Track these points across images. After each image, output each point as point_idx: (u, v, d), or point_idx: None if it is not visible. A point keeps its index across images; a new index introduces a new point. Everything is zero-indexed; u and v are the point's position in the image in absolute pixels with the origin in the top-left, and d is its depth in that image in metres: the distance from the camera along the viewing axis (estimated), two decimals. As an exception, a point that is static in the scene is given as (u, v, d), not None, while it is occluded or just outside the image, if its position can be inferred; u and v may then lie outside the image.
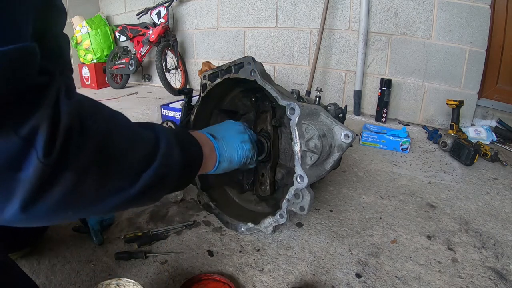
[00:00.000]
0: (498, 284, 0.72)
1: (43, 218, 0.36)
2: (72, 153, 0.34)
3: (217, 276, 0.72)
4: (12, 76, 0.30)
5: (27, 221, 0.35)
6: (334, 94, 2.16)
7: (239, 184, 1.00)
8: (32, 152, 0.31)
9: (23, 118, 0.31)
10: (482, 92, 1.79)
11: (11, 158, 0.30)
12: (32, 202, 0.33)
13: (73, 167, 0.35)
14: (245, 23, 2.41)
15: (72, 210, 0.38)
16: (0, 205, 0.32)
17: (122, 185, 0.42)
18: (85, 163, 0.36)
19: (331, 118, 0.77)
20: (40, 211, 0.34)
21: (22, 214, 0.33)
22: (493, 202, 1.07)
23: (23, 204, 0.32)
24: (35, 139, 0.31)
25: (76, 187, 0.36)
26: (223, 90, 0.92)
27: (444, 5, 1.70)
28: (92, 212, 0.42)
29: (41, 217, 0.35)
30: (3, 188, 0.31)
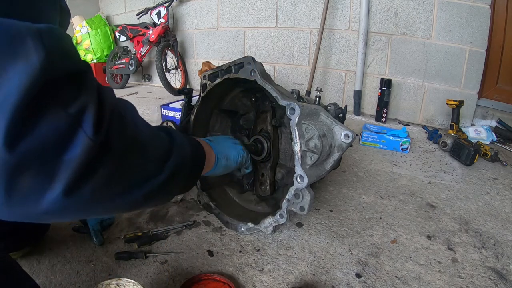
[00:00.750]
0: (498, 284, 0.72)
1: (83, 207, 0.34)
2: (114, 136, 0.35)
3: (217, 276, 0.72)
4: (64, 54, 0.31)
5: (65, 210, 0.32)
6: (334, 94, 2.16)
7: (239, 184, 1.00)
8: (79, 131, 0.31)
9: (72, 97, 0.31)
10: (482, 92, 1.79)
11: (59, 137, 0.30)
12: (77, 184, 0.32)
13: (116, 150, 0.35)
14: (245, 23, 2.41)
15: (110, 199, 0.38)
16: (38, 192, 0.30)
17: (152, 172, 0.43)
18: (124, 147, 0.37)
19: (331, 118, 0.77)
20: (82, 196, 0.33)
21: (64, 200, 0.31)
22: (493, 202, 1.07)
23: (67, 187, 0.31)
24: (83, 118, 0.31)
25: (117, 170, 0.36)
26: (223, 90, 0.92)
27: (444, 5, 1.70)
28: (126, 201, 0.41)
29: (81, 205, 0.34)
30: (45, 172, 0.30)
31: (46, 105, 0.29)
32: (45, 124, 0.29)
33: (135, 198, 0.41)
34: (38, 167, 0.29)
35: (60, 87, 0.30)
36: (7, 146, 0.27)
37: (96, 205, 0.36)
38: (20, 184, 0.29)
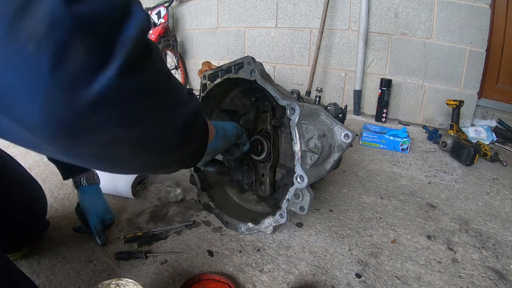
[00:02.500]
0: (498, 284, 0.72)
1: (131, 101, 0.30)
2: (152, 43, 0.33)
3: (217, 276, 0.72)
4: None
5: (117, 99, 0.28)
6: (334, 94, 2.16)
7: (239, 184, 1.00)
8: (133, 14, 0.29)
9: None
10: (482, 92, 1.79)
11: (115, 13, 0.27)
12: (129, 69, 0.28)
13: (157, 53, 0.34)
14: (245, 23, 2.41)
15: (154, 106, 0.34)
16: (91, 70, 0.26)
17: (185, 95, 0.41)
18: (161, 56, 0.36)
19: (331, 118, 0.77)
20: (133, 86, 0.30)
21: (118, 82, 0.27)
22: (493, 202, 1.07)
23: (123, 67, 0.27)
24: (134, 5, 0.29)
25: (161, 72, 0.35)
26: (223, 90, 0.92)
27: (444, 5, 1.70)
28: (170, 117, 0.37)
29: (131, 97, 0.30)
30: (101, 46, 0.26)
31: None
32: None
33: (173, 121, 0.39)
34: (95, 39, 0.25)
35: None
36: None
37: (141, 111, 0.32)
38: (71, 55, 0.24)
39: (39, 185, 0.84)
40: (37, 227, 0.82)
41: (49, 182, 1.15)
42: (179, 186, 1.07)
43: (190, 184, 0.98)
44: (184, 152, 0.46)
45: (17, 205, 0.74)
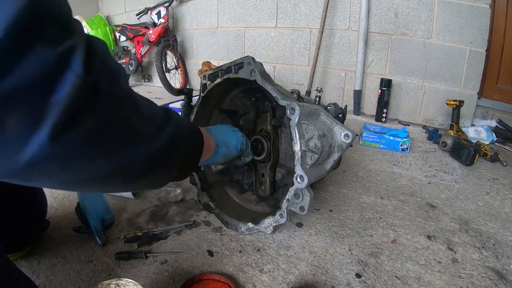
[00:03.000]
0: (498, 284, 0.72)
1: (70, 158, 0.31)
2: (105, 81, 0.32)
3: (217, 276, 0.72)
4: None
5: (51, 159, 0.29)
6: (334, 94, 2.16)
7: (239, 184, 1.00)
8: (68, 69, 0.28)
9: (60, 37, 0.29)
10: (482, 92, 1.79)
11: (46, 75, 0.27)
12: (65, 127, 0.29)
13: (107, 95, 0.33)
14: (245, 23, 2.41)
15: (102, 153, 0.34)
16: (23, 135, 0.27)
17: (147, 134, 0.40)
18: (117, 94, 0.35)
19: (331, 118, 0.77)
20: (70, 144, 0.30)
21: (50, 145, 0.28)
22: (493, 202, 1.07)
23: (54, 130, 0.28)
24: (72, 57, 0.29)
25: (109, 119, 0.33)
26: (223, 90, 0.92)
27: (444, 5, 1.70)
28: (119, 162, 0.37)
29: (68, 155, 0.31)
30: (30, 113, 0.27)
31: (32, 41, 0.26)
32: (31, 60, 0.26)
33: (129, 160, 0.38)
34: (24, 107, 0.26)
35: (47, 27, 0.28)
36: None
37: (86, 160, 0.33)
38: (6, 125, 0.26)
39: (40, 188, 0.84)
40: (37, 227, 0.82)
41: (49, 182, 1.15)
42: (179, 186, 1.07)
43: (190, 184, 0.99)
44: (154, 179, 0.46)
45: (17, 205, 0.74)
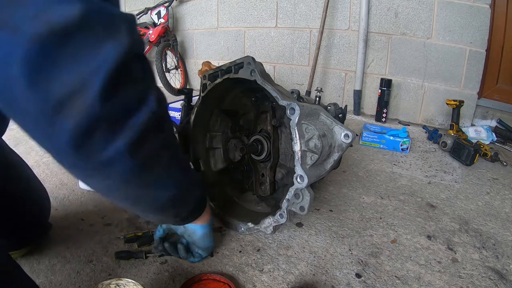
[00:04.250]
0: (498, 284, 0.72)
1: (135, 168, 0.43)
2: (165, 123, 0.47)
3: (217, 276, 0.72)
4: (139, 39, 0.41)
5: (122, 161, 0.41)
6: (334, 94, 2.16)
7: (239, 184, 1.00)
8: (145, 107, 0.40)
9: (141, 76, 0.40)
10: (482, 92, 1.79)
11: (128, 107, 0.39)
12: (136, 143, 0.40)
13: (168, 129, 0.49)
14: (245, 23, 2.41)
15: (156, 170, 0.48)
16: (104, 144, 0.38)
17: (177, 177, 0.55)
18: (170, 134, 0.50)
19: (331, 118, 0.77)
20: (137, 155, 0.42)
21: (124, 151, 0.39)
22: (493, 202, 1.07)
23: (129, 142, 0.39)
24: (149, 98, 0.41)
25: (164, 148, 0.47)
26: (223, 90, 0.92)
27: (444, 5, 1.69)
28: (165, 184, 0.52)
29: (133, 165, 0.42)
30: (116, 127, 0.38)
31: (126, 78, 0.37)
32: (125, 91, 0.37)
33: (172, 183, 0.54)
34: (110, 124, 0.37)
35: (135, 67, 0.39)
36: (102, 99, 0.35)
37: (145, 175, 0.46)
38: (95, 131, 0.36)
39: (44, 188, 0.85)
40: (39, 229, 0.82)
41: (49, 182, 1.15)
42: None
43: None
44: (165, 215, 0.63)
45: (22, 205, 0.75)
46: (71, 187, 1.12)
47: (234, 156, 0.99)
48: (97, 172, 0.41)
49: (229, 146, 1.01)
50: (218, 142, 1.02)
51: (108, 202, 1.03)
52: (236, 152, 0.98)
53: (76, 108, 0.34)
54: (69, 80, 0.33)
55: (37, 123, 0.35)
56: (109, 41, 0.35)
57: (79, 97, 0.34)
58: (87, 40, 0.33)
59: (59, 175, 1.20)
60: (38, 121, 0.35)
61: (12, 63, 0.31)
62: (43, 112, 0.34)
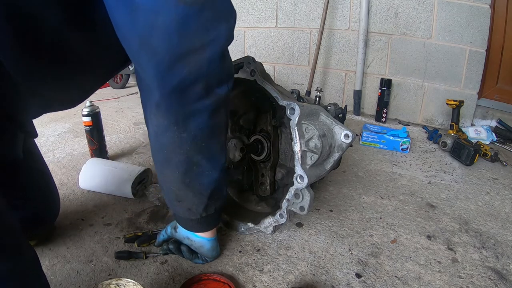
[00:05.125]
0: (498, 284, 0.72)
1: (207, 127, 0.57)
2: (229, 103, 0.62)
3: (217, 276, 0.72)
4: None
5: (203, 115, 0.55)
6: (334, 94, 2.16)
7: (239, 184, 1.00)
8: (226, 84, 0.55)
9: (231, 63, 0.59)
10: (482, 92, 1.79)
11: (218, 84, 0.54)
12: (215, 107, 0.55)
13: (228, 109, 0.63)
14: (245, 23, 2.41)
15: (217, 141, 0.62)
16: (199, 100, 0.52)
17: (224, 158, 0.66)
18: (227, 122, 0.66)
19: (331, 118, 0.77)
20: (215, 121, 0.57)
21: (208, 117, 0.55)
22: (493, 202, 1.07)
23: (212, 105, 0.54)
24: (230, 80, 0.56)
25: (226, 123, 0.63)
26: (223, 90, 0.92)
27: (444, 5, 1.69)
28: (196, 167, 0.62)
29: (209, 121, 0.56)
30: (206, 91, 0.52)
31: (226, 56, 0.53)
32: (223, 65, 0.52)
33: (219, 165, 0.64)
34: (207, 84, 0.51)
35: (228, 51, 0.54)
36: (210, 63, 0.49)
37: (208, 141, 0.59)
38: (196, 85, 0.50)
39: (56, 188, 0.87)
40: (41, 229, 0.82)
41: (49, 182, 1.15)
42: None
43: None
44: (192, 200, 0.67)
45: (31, 205, 0.75)
46: (71, 187, 1.13)
47: (234, 156, 0.99)
48: (183, 120, 0.53)
49: (229, 146, 1.01)
50: (218, 142, 1.02)
51: (108, 202, 1.03)
52: (236, 152, 0.98)
53: (192, 62, 0.46)
54: (195, 40, 0.45)
55: (160, 63, 0.46)
56: (224, 22, 0.48)
57: (197, 55, 0.46)
58: (213, 16, 0.46)
59: (59, 175, 1.20)
60: (162, 62, 0.46)
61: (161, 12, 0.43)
62: (170, 56, 0.45)
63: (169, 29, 0.43)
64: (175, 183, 0.63)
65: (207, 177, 0.62)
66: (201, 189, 0.64)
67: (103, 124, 1.32)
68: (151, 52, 0.45)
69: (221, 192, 0.69)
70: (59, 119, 1.86)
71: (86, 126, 1.27)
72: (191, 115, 0.53)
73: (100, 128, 1.30)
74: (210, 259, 0.78)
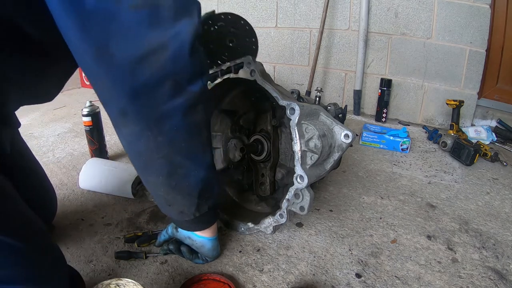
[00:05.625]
0: (498, 284, 0.72)
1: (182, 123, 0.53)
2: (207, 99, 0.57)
3: (217, 276, 0.72)
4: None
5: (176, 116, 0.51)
6: (334, 94, 2.16)
7: (239, 184, 1.00)
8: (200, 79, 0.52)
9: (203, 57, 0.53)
10: (482, 92, 1.79)
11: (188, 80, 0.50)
12: (191, 105, 0.52)
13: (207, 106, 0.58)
14: (245, 23, 2.41)
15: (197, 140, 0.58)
16: (169, 97, 0.49)
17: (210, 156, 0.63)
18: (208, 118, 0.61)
19: (331, 118, 0.77)
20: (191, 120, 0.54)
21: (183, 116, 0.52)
22: (493, 202, 1.07)
23: (186, 105, 0.51)
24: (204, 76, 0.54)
25: (206, 121, 0.59)
26: (223, 90, 0.92)
27: (444, 5, 1.69)
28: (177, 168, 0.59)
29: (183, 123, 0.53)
30: (178, 88, 0.49)
31: (193, 50, 0.48)
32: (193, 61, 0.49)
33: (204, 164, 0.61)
34: (178, 82, 0.49)
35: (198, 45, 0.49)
36: (173, 61, 0.46)
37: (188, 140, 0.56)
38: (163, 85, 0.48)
39: (52, 187, 0.87)
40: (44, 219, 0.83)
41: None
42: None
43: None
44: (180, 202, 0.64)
45: (29, 201, 0.75)
46: (71, 187, 1.12)
47: (234, 156, 0.99)
48: (156, 123, 0.50)
49: (229, 146, 1.01)
50: (218, 142, 1.02)
51: (108, 202, 1.03)
52: (236, 152, 0.98)
53: (153, 63, 0.44)
54: (152, 40, 0.44)
55: (120, 69, 0.44)
56: (185, 17, 0.46)
57: (158, 54, 0.44)
58: (169, 14, 0.44)
59: (59, 175, 1.20)
60: (122, 67, 0.44)
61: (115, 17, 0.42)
62: (130, 60, 0.44)
63: (125, 33, 0.43)
64: (161, 188, 0.61)
65: (193, 177, 0.60)
66: (189, 190, 0.62)
67: (103, 124, 1.32)
68: (109, 60, 0.44)
69: (211, 190, 0.66)
70: (59, 119, 1.86)
71: (86, 126, 1.27)
72: (163, 117, 0.50)
73: (100, 128, 1.30)
74: (211, 259, 0.77)
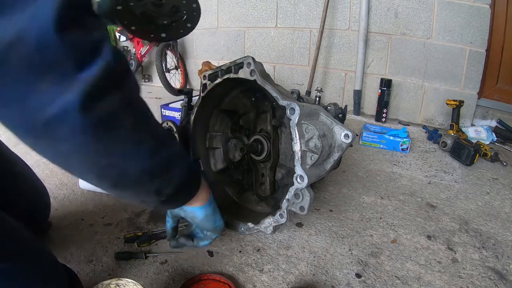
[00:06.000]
0: (498, 284, 0.72)
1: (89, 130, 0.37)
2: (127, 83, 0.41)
3: (217, 276, 0.72)
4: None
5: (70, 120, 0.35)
6: (334, 94, 2.16)
7: (239, 184, 1.00)
8: (99, 54, 0.36)
9: (94, 27, 0.36)
10: (482, 92, 1.79)
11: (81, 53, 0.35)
12: (90, 100, 0.35)
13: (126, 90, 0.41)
14: (245, 23, 2.41)
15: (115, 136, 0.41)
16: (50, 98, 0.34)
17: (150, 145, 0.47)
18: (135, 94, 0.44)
19: (331, 118, 0.77)
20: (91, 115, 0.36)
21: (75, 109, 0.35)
22: (493, 202, 1.07)
23: (81, 99, 0.34)
24: (103, 46, 0.36)
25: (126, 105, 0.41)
26: (223, 90, 0.92)
27: (444, 5, 1.69)
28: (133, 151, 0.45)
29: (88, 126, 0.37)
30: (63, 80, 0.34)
31: (72, 23, 0.34)
32: (72, 37, 0.33)
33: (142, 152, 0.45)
34: (59, 73, 0.33)
35: (84, 17, 0.35)
36: (42, 46, 0.32)
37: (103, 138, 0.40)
38: (40, 82, 0.33)
39: (44, 187, 0.85)
40: (38, 228, 0.82)
41: (49, 182, 1.15)
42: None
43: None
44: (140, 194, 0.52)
45: (20, 205, 0.74)
46: (71, 187, 1.12)
47: (234, 156, 0.99)
48: (44, 133, 0.37)
49: (229, 146, 1.01)
50: (218, 142, 1.02)
51: (108, 202, 1.03)
52: (236, 152, 0.98)
53: (15, 57, 0.32)
54: (8, 29, 0.31)
55: None
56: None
57: (18, 46, 0.31)
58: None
59: (59, 175, 1.20)
60: None
61: None
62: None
63: None
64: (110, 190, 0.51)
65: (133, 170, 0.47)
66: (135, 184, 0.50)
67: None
68: None
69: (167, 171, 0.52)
70: (59, 119, 1.86)
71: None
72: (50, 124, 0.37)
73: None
74: (213, 234, 0.70)
